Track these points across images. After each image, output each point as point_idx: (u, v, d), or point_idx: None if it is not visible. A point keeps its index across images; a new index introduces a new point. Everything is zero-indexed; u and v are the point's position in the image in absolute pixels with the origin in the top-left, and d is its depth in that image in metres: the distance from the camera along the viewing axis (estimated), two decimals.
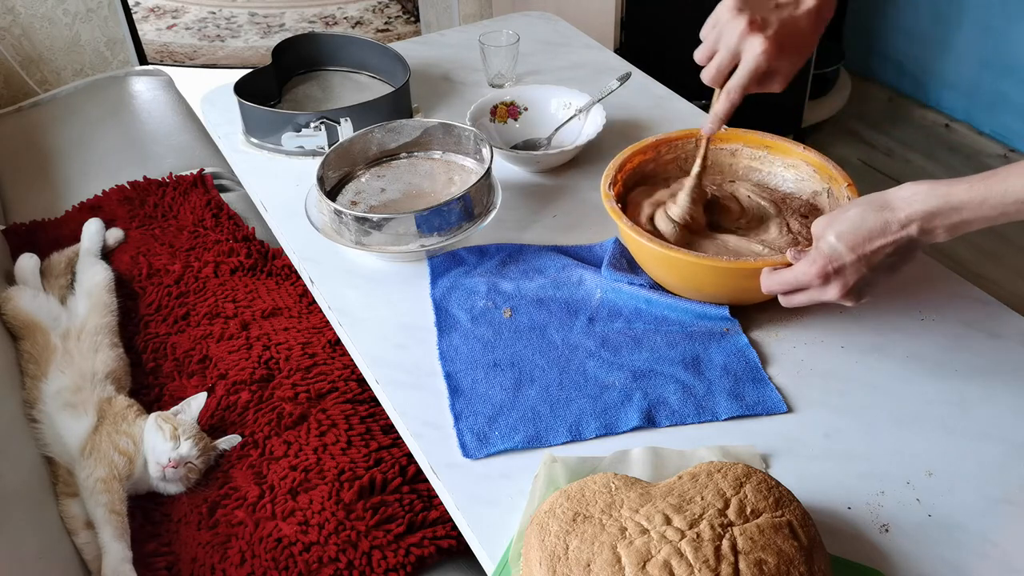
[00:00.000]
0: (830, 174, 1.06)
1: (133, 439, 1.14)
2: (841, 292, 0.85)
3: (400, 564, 1.02)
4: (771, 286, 0.90)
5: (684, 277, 1.00)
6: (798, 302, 0.89)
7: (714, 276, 0.97)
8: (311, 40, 1.55)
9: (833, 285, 0.85)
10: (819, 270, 0.84)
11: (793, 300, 0.90)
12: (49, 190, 1.75)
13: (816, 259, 0.84)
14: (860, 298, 0.86)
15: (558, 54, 1.61)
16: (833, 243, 0.83)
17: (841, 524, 0.81)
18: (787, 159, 1.11)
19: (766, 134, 1.12)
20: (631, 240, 1.01)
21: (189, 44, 3.44)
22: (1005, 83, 2.54)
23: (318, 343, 1.31)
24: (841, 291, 0.85)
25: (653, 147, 1.12)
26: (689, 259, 0.95)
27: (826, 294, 0.86)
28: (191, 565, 1.05)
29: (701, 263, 0.95)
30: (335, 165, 1.22)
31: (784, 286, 0.89)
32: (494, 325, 1.03)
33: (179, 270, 1.46)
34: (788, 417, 0.91)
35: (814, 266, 0.84)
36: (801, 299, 0.89)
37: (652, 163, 1.12)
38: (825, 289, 0.85)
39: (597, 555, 0.70)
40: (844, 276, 0.84)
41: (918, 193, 0.79)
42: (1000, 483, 0.83)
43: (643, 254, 1.03)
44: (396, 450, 1.14)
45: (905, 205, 0.80)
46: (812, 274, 0.85)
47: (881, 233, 0.81)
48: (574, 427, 0.90)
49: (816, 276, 0.84)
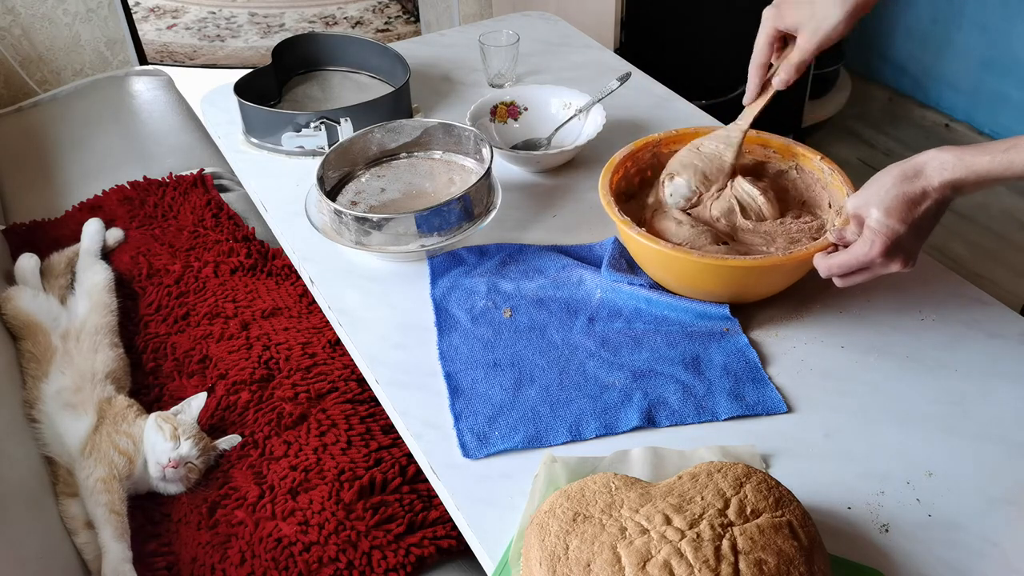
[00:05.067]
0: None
1: (133, 439, 1.14)
2: (903, 263, 0.87)
3: (400, 564, 1.02)
4: (830, 269, 0.91)
5: (683, 276, 1.00)
6: (858, 281, 0.91)
7: (713, 274, 0.97)
8: (311, 40, 1.55)
9: (896, 259, 0.87)
10: (881, 248, 0.86)
11: (853, 280, 0.91)
12: (49, 190, 1.75)
13: (874, 239, 0.86)
14: (916, 262, 0.89)
15: (558, 54, 1.61)
16: (883, 219, 0.85)
17: (841, 524, 0.81)
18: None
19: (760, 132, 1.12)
20: (630, 240, 1.01)
21: (189, 44, 3.44)
22: (1005, 83, 2.54)
23: (318, 343, 1.31)
24: (904, 262, 0.87)
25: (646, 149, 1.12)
26: (689, 258, 0.95)
27: (889, 268, 0.88)
28: (191, 565, 1.05)
29: (700, 261, 0.95)
30: (335, 165, 1.22)
31: (844, 268, 0.90)
32: (494, 325, 1.03)
33: (179, 270, 1.46)
34: (788, 417, 0.91)
35: (875, 246, 0.86)
36: (862, 278, 0.90)
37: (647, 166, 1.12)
38: (889, 264, 0.87)
39: (597, 555, 0.70)
40: (904, 248, 0.86)
41: (947, 162, 0.82)
42: (1000, 483, 0.83)
43: (642, 253, 1.03)
44: (396, 450, 1.14)
45: (937, 174, 0.83)
46: (875, 254, 0.86)
47: (923, 198, 0.84)
48: (574, 427, 0.90)
49: (879, 255, 0.86)
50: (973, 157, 0.81)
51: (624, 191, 1.11)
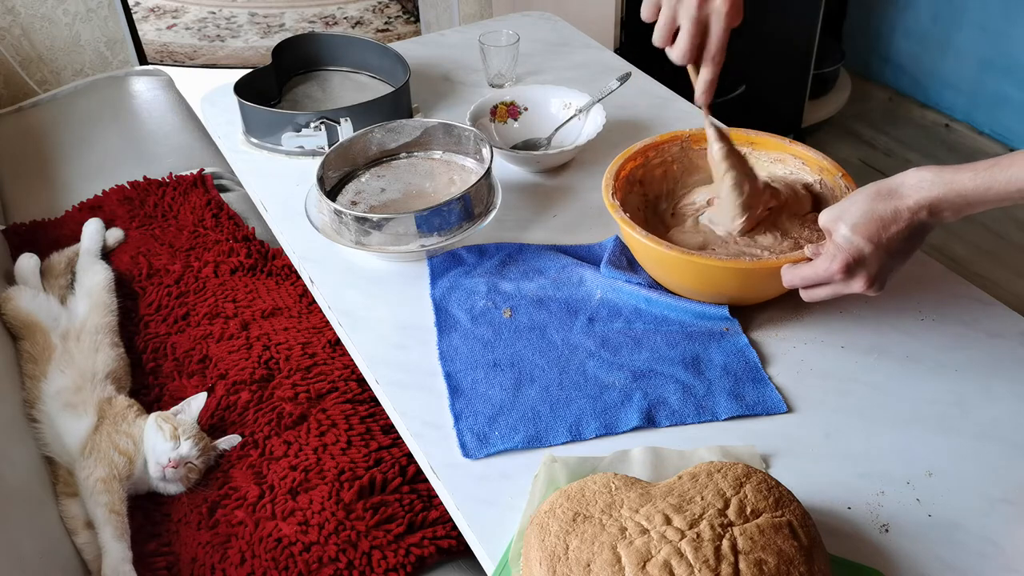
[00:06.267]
0: (820, 165, 1.06)
1: (133, 439, 1.14)
2: (866, 283, 0.85)
3: (400, 564, 1.02)
4: (792, 281, 0.90)
5: (683, 276, 1.00)
6: (821, 296, 0.90)
7: (713, 275, 0.97)
8: (311, 40, 1.55)
9: (857, 278, 0.85)
10: (841, 264, 0.84)
11: (815, 294, 0.90)
12: (49, 190, 1.75)
13: (836, 254, 0.84)
14: (883, 286, 0.86)
15: (558, 54, 1.61)
16: (849, 236, 0.83)
17: (841, 524, 0.81)
18: (773, 154, 1.11)
19: (750, 130, 1.12)
20: (631, 239, 1.01)
21: (189, 44, 3.44)
22: (1005, 83, 2.54)
23: (318, 343, 1.31)
24: (866, 282, 0.85)
25: (642, 153, 1.11)
26: (689, 259, 0.95)
27: (851, 287, 0.86)
28: (191, 565, 1.05)
29: (701, 263, 0.95)
30: (335, 165, 1.22)
31: (806, 281, 0.89)
32: (494, 325, 1.03)
33: (179, 270, 1.46)
34: (788, 417, 0.91)
35: (836, 261, 0.84)
36: (824, 293, 0.89)
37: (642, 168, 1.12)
38: (850, 282, 0.85)
39: (597, 555, 0.70)
40: (867, 267, 0.84)
41: (924, 180, 0.80)
42: (1000, 483, 0.83)
43: (643, 253, 1.03)
44: (396, 450, 1.14)
45: (914, 192, 0.80)
46: (835, 269, 0.85)
47: (894, 220, 0.81)
48: (574, 427, 0.90)
49: (838, 271, 0.85)
50: (953, 175, 0.78)
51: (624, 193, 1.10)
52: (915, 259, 1.06)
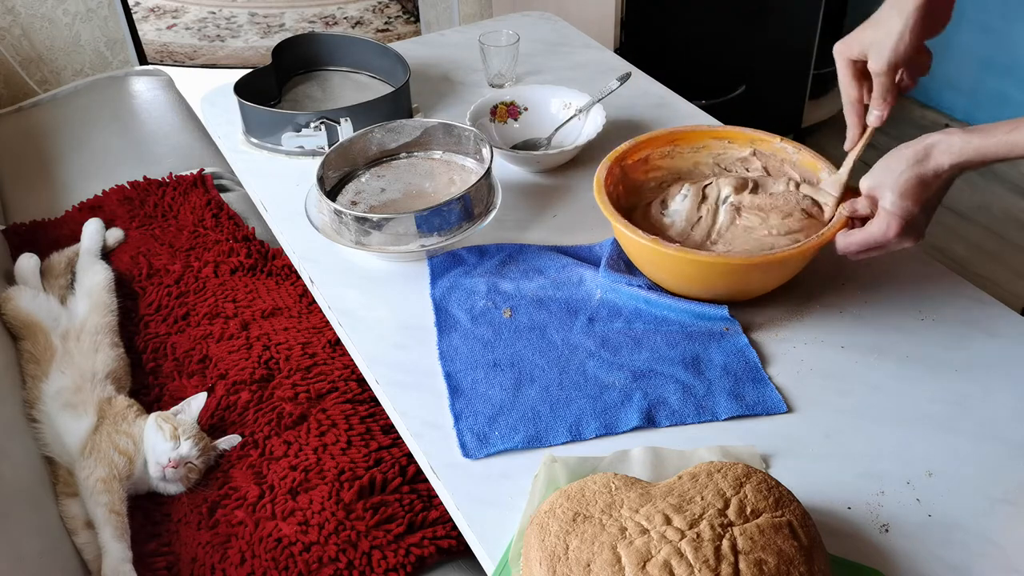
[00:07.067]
0: (750, 137, 1.11)
1: (133, 439, 1.14)
2: (915, 239, 0.92)
3: (400, 564, 1.02)
4: (848, 248, 0.95)
5: (677, 274, 1.00)
6: (873, 256, 0.95)
7: (708, 272, 0.97)
8: (311, 40, 1.55)
9: (909, 237, 0.91)
10: (897, 229, 0.90)
11: (867, 256, 0.95)
12: (49, 190, 1.75)
13: (891, 221, 0.90)
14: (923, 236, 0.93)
15: (558, 54, 1.61)
16: (899, 202, 0.89)
17: (841, 524, 0.81)
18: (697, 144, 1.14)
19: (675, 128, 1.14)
20: (625, 238, 1.01)
21: (189, 44, 3.44)
22: (1005, 83, 2.54)
23: (318, 343, 1.31)
24: (915, 239, 0.92)
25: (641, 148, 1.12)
26: (684, 255, 0.95)
27: (903, 244, 0.92)
28: (191, 565, 1.05)
29: (696, 259, 0.95)
30: (335, 165, 1.22)
31: (863, 246, 0.93)
32: (494, 325, 1.03)
33: (179, 270, 1.46)
34: (788, 417, 0.91)
35: (892, 227, 0.90)
36: (877, 254, 0.95)
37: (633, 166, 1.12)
38: (902, 242, 0.91)
39: (597, 555, 0.70)
40: (917, 227, 0.91)
41: (954, 145, 0.86)
42: (1000, 483, 0.83)
43: (636, 251, 1.03)
44: (396, 450, 1.14)
45: (946, 156, 0.86)
46: (891, 235, 0.90)
47: (934, 179, 0.88)
48: (574, 427, 0.90)
49: (895, 235, 0.90)
50: (980, 140, 0.84)
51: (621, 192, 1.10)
52: (915, 259, 1.08)
